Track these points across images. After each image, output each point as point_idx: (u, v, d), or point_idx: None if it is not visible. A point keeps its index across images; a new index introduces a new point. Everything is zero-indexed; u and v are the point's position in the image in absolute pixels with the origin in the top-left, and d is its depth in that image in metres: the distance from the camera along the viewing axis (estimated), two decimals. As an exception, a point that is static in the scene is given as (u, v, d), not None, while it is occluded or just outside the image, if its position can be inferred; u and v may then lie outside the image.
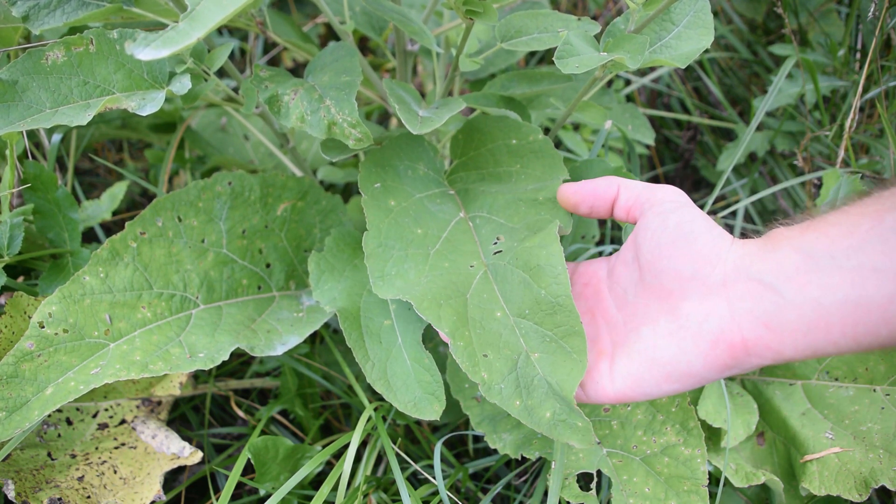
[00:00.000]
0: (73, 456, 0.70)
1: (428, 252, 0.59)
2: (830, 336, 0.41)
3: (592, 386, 0.52)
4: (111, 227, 1.04)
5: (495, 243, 0.59)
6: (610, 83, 1.10)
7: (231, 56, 1.34)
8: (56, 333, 0.61)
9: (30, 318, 0.65)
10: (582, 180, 0.59)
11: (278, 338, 0.69)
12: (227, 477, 0.71)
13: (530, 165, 0.66)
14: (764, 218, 1.08)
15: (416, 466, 0.73)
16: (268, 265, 0.77)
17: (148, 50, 0.38)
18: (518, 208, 0.62)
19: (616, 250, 0.62)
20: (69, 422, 0.74)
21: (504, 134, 0.69)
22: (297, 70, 1.34)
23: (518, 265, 0.55)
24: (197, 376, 0.86)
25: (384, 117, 1.21)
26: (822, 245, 0.42)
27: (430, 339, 0.64)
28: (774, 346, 0.44)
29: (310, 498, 0.72)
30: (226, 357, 0.64)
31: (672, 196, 0.54)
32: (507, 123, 0.69)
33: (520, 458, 0.82)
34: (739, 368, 0.46)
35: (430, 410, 0.59)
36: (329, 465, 0.82)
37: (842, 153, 0.90)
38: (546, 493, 0.64)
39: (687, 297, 0.48)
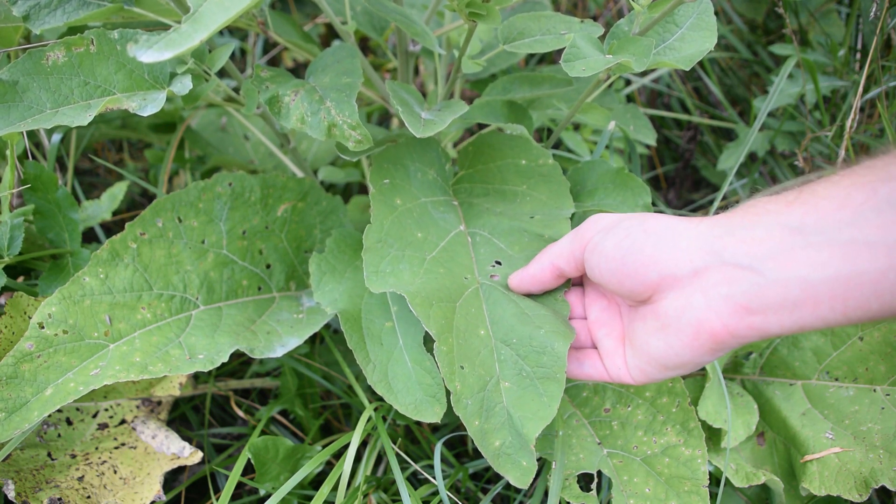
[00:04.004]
0: (73, 456, 0.70)
1: (424, 257, 0.59)
2: (818, 312, 0.41)
3: (615, 370, 0.54)
4: (111, 227, 1.04)
5: (493, 266, 0.60)
6: (610, 83, 1.10)
7: (231, 56, 1.33)
8: (56, 334, 0.61)
9: (30, 318, 0.64)
10: (522, 270, 0.59)
11: (278, 339, 0.69)
12: (227, 477, 0.71)
13: (537, 188, 0.66)
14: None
15: (416, 466, 0.72)
16: (268, 266, 0.76)
17: (150, 52, 0.38)
18: (521, 238, 0.62)
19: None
20: (69, 422, 0.73)
21: (514, 153, 0.69)
22: (298, 70, 1.33)
23: (516, 297, 0.56)
24: (197, 376, 0.86)
25: (385, 117, 1.21)
26: (812, 220, 0.41)
27: (431, 341, 0.64)
28: (758, 325, 0.43)
29: (310, 498, 0.72)
30: (225, 359, 0.64)
31: (596, 227, 0.53)
32: (518, 143, 0.69)
33: (520, 459, 0.81)
34: (729, 348, 0.46)
35: (431, 412, 0.59)
36: (329, 465, 0.82)
37: (842, 153, 0.90)
38: (546, 494, 0.64)
39: (663, 296, 0.48)
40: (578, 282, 0.62)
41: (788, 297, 0.41)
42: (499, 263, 0.60)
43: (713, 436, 0.73)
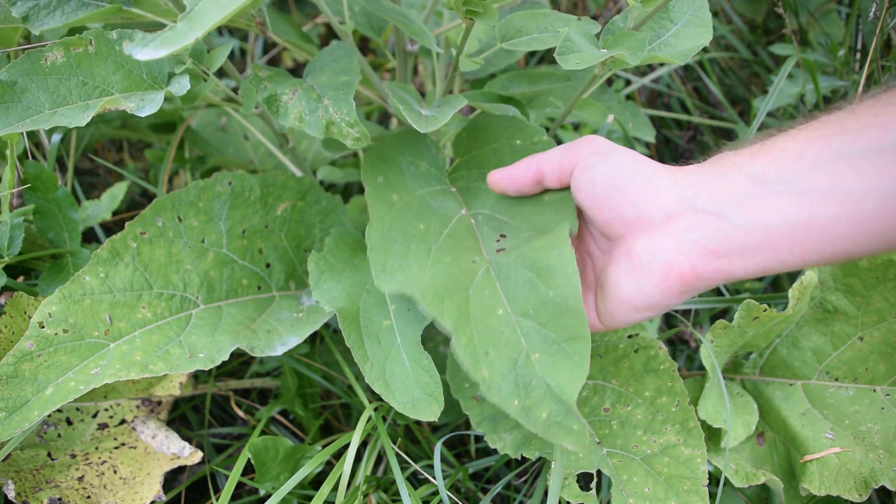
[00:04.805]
0: (73, 456, 0.70)
1: (430, 247, 0.59)
2: (779, 255, 0.44)
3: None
4: (111, 227, 1.04)
5: (498, 240, 0.59)
6: (610, 83, 1.10)
7: (231, 56, 1.34)
8: (56, 333, 0.61)
9: (30, 318, 0.65)
10: (504, 169, 0.61)
11: (278, 338, 0.69)
12: (227, 477, 0.71)
13: None
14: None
15: (416, 466, 0.73)
16: (268, 265, 0.77)
17: (146, 50, 0.38)
18: (521, 207, 0.61)
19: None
20: (69, 422, 0.74)
21: (508, 134, 0.69)
22: (297, 70, 1.34)
23: (525, 264, 0.55)
24: (197, 376, 0.86)
25: (384, 117, 1.21)
26: (773, 170, 0.44)
27: (429, 339, 0.64)
28: (724, 268, 0.46)
29: (310, 498, 0.72)
30: (226, 357, 0.64)
31: (591, 149, 0.55)
32: (512, 124, 0.69)
33: (520, 458, 0.82)
34: (696, 290, 0.49)
35: (429, 411, 0.59)
36: (329, 465, 0.82)
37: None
38: (546, 493, 0.64)
39: (636, 238, 0.50)
40: None
41: (751, 242, 0.45)
42: (503, 236, 0.59)
43: (713, 436, 0.73)
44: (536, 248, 0.55)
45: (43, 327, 0.61)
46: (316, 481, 0.78)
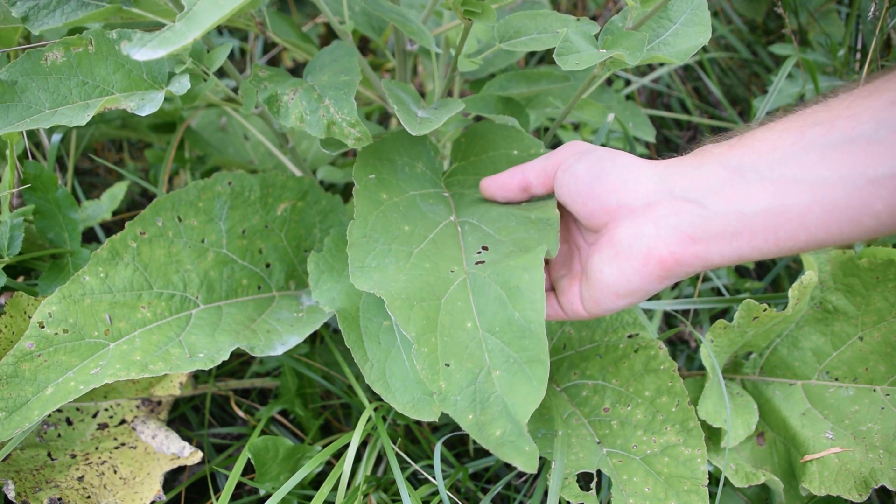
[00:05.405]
0: (73, 456, 0.70)
1: (412, 250, 0.59)
2: (754, 242, 0.45)
3: (569, 306, 0.59)
4: (111, 227, 1.04)
5: (479, 252, 0.59)
6: (610, 83, 1.10)
7: (231, 56, 1.34)
8: (56, 333, 0.61)
9: (30, 318, 0.65)
10: (492, 176, 0.63)
11: (278, 338, 0.69)
12: (227, 477, 0.71)
13: None
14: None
15: (416, 466, 0.72)
16: (267, 265, 0.77)
17: (144, 50, 0.38)
18: (508, 222, 0.61)
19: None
20: (69, 422, 0.74)
21: (507, 143, 0.69)
22: (297, 70, 1.34)
23: (498, 281, 0.55)
24: (197, 376, 0.86)
25: (384, 117, 1.21)
26: (749, 160, 0.45)
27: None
28: (701, 254, 0.48)
29: (310, 498, 0.72)
30: (226, 357, 0.64)
31: (571, 151, 0.58)
32: (511, 134, 0.69)
33: (520, 458, 0.81)
34: (676, 276, 0.51)
35: (429, 411, 0.59)
36: (329, 465, 0.82)
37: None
38: (546, 493, 0.64)
39: (618, 225, 0.52)
40: None
41: (728, 228, 0.46)
42: (485, 249, 0.59)
43: (713, 436, 0.73)
44: (511, 266, 0.55)
45: (43, 327, 0.61)
46: (316, 481, 0.78)
